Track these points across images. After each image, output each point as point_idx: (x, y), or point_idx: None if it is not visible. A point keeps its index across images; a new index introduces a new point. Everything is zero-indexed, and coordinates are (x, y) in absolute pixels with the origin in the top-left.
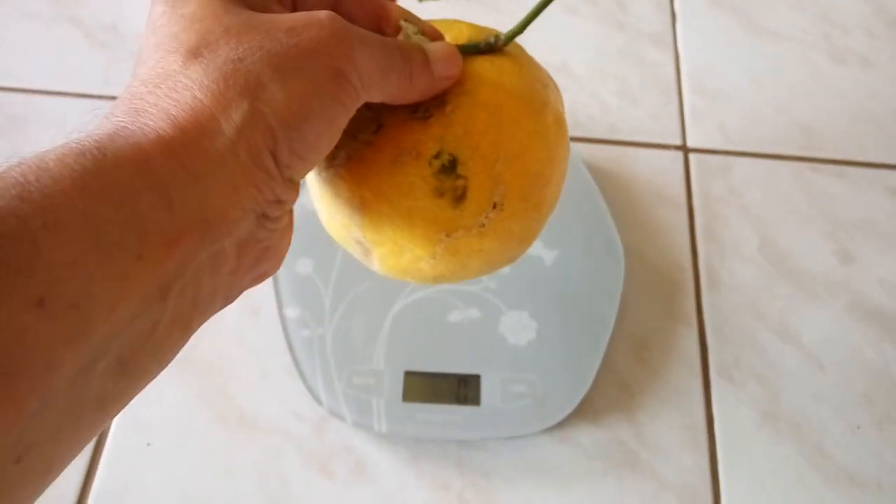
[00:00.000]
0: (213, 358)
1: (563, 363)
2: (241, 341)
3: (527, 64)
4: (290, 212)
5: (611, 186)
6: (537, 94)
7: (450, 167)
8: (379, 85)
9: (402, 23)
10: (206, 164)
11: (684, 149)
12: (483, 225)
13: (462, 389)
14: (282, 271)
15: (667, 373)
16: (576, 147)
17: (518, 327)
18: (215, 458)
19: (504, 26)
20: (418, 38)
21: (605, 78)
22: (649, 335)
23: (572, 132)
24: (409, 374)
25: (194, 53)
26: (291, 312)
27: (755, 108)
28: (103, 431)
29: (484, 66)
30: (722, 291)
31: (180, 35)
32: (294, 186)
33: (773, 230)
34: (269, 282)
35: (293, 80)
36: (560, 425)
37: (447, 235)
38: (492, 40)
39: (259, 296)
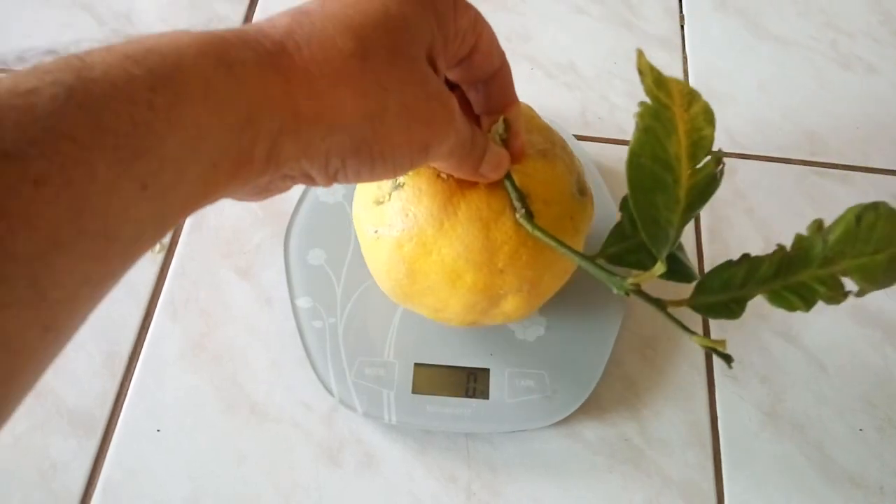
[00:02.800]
0: (224, 347)
1: (570, 359)
2: (252, 331)
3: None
4: None
5: (620, 187)
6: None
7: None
8: (439, 161)
9: (502, 122)
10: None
11: None
12: None
13: (471, 383)
14: (294, 262)
15: (672, 371)
16: (585, 147)
17: (527, 323)
18: (225, 446)
19: (511, 24)
20: (497, 139)
21: (613, 79)
22: (655, 334)
23: (581, 132)
24: (419, 367)
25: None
26: (303, 303)
27: (761, 112)
28: (112, 417)
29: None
30: None
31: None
32: (331, 184)
33: (778, 233)
34: (281, 272)
35: (394, 130)
36: (566, 420)
37: None
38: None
39: (271, 286)
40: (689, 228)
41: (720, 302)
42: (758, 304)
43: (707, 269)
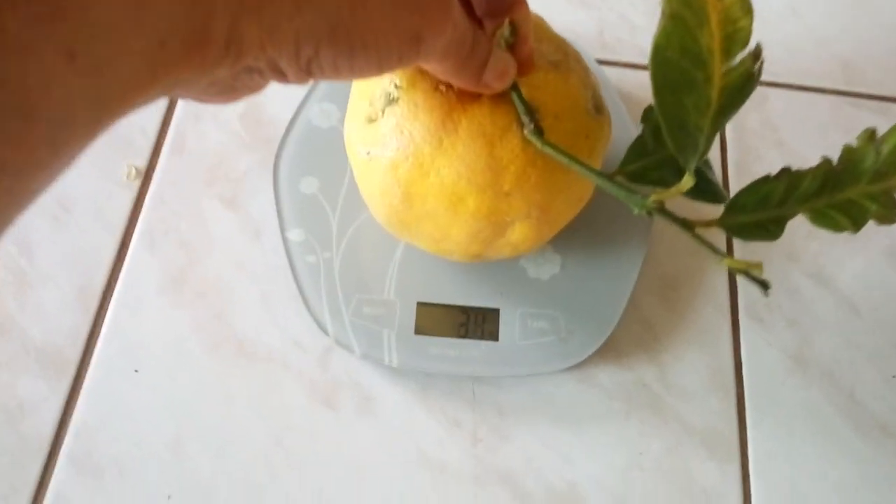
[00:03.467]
0: (208, 282)
1: (587, 300)
2: (239, 265)
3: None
4: None
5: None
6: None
7: None
8: (434, 63)
9: (507, 25)
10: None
11: None
12: None
13: (479, 323)
14: (284, 191)
15: (694, 313)
16: (606, 72)
17: (540, 260)
18: (211, 388)
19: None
20: (502, 44)
21: None
22: (677, 273)
23: (599, 55)
24: (423, 306)
25: None
26: (295, 235)
27: (793, 39)
28: (85, 356)
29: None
30: None
31: None
32: (306, 80)
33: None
34: (270, 202)
35: (378, 14)
36: (580, 364)
37: None
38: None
39: (260, 217)
40: (716, 160)
41: (756, 222)
42: (789, 245)
43: None
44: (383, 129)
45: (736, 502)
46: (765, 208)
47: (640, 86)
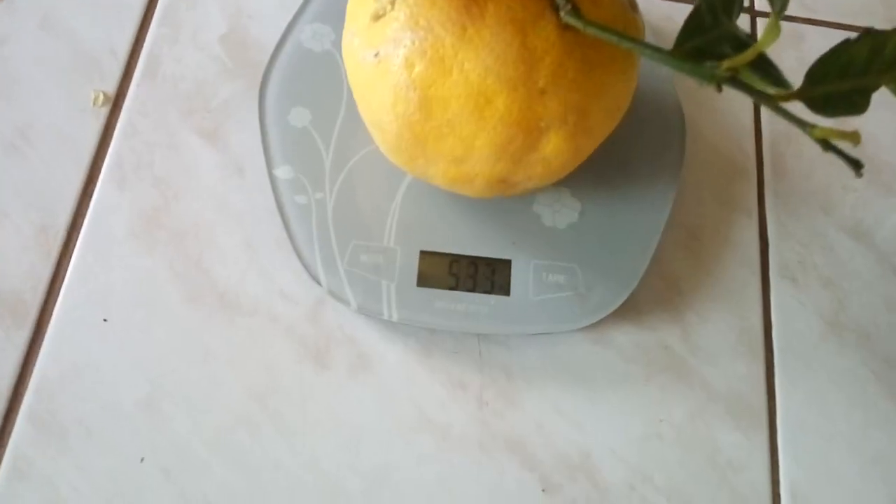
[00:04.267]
0: (185, 224)
1: (608, 252)
2: (221, 206)
3: None
4: None
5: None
6: None
7: None
8: None
9: None
10: None
11: (752, 12)
12: None
13: (489, 276)
14: (271, 123)
15: (721, 270)
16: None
17: (557, 206)
18: (188, 342)
19: None
20: None
21: None
22: (704, 224)
23: None
24: (426, 255)
25: None
26: (283, 173)
27: None
28: (47, 304)
29: None
30: (787, 180)
31: None
32: None
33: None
34: (255, 135)
35: None
36: (596, 323)
37: None
38: None
39: (244, 152)
40: (748, 102)
41: (839, 93)
42: (825, 197)
43: (766, 154)
44: (394, 24)
45: (763, 474)
46: (848, 76)
47: (667, 18)
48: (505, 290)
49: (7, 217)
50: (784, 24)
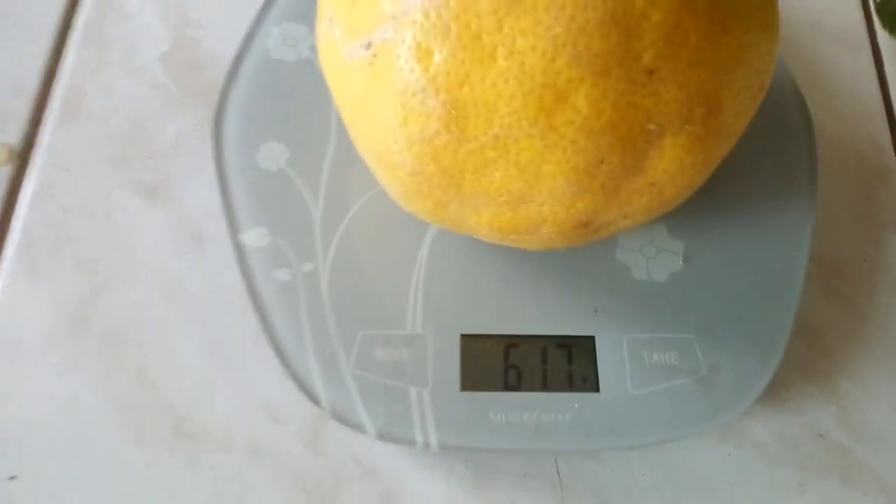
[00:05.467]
0: (123, 321)
1: (733, 311)
2: (171, 293)
3: None
4: None
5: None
6: None
7: None
8: None
9: None
10: None
11: None
12: None
13: (564, 364)
14: (233, 167)
15: (878, 314)
16: None
17: (650, 251)
18: (133, 494)
19: None
20: None
21: None
22: (846, 253)
23: None
24: (470, 340)
25: None
26: (254, 239)
27: None
28: None
29: None
30: None
31: None
32: None
33: None
34: (213, 189)
35: None
36: None
37: None
38: None
39: (201, 211)
40: (873, 86)
41: None
42: None
43: None
44: None
45: None
46: None
47: None
48: (591, 383)
49: None
50: None
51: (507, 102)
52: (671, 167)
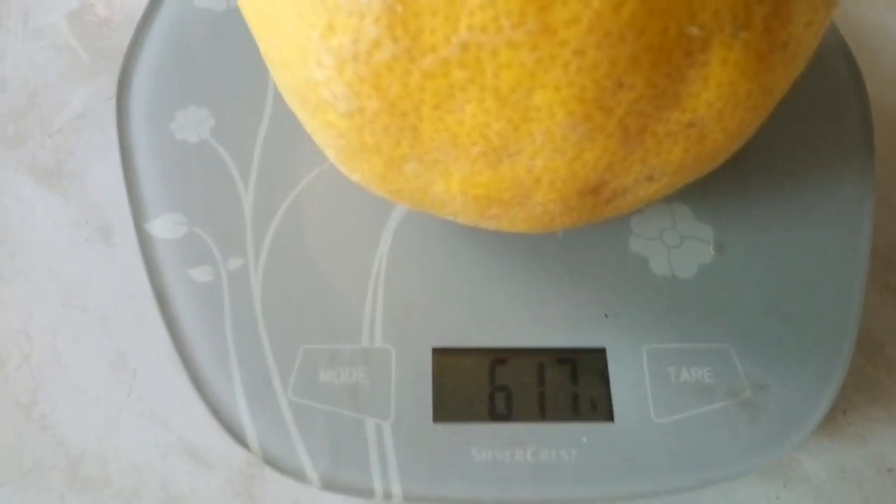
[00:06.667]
0: (7, 336)
1: (779, 314)
2: (68, 297)
3: None
4: None
5: None
6: None
7: None
8: None
9: None
10: None
11: None
12: None
13: (569, 384)
14: (140, 139)
15: None
16: None
17: (672, 237)
18: None
19: None
20: None
21: None
22: None
23: None
24: (444, 356)
25: None
26: (165, 229)
27: None
28: None
29: None
30: None
31: None
32: None
33: None
34: (115, 169)
35: None
36: None
37: None
38: None
39: (109, 198)
40: None
41: None
42: None
43: None
44: None
45: None
46: None
47: None
48: (602, 410)
49: None
50: None
51: (479, 4)
52: (719, 97)
